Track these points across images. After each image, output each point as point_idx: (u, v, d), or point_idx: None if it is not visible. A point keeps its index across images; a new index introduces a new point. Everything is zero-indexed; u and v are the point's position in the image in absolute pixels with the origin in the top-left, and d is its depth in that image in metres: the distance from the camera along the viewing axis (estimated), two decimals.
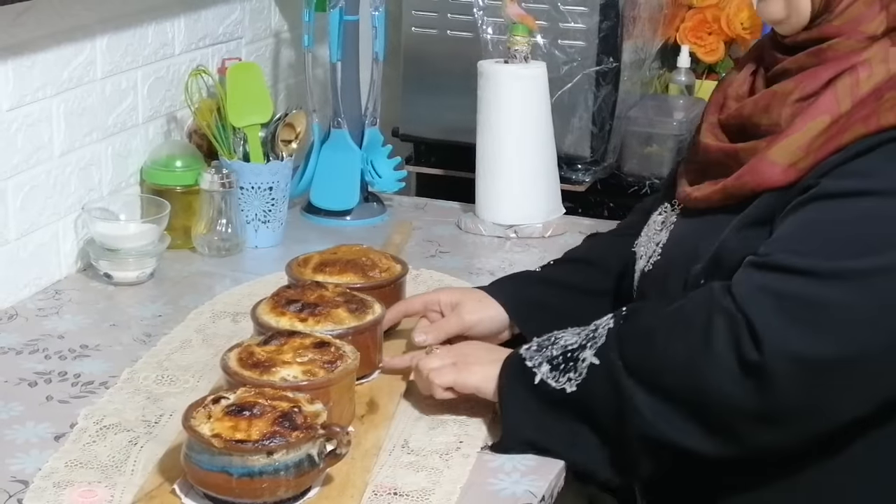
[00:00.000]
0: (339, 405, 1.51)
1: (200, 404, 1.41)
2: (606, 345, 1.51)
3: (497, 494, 1.46)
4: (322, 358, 1.52)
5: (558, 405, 1.52)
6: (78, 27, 1.98)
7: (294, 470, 1.35)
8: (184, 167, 2.16)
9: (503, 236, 2.29)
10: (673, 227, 1.69)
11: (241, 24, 2.43)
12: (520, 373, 1.55)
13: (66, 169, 2.00)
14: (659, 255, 1.68)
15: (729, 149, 1.61)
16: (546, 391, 1.52)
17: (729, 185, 1.58)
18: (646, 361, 1.48)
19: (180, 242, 2.13)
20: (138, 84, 2.15)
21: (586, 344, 1.53)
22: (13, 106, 1.87)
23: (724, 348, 1.42)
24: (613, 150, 2.61)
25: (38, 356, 1.75)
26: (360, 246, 1.89)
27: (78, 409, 1.59)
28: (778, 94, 1.58)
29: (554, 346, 1.56)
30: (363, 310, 1.67)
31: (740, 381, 1.41)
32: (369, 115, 2.37)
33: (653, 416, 1.46)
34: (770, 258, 1.46)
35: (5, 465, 1.45)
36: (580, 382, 1.51)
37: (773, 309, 1.41)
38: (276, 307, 1.66)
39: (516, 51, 2.28)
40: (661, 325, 1.50)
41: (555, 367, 1.53)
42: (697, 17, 2.86)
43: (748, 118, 1.61)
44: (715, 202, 1.61)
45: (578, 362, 1.52)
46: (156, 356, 1.75)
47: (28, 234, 1.94)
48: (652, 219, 1.76)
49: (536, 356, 1.55)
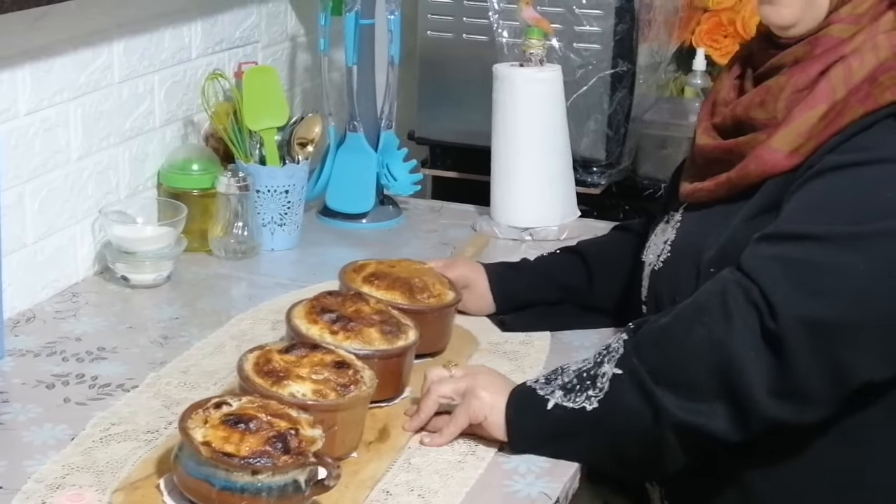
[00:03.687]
0: (345, 430, 1.47)
1: (202, 406, 1.39)
2: (625, 355, 1.52)
3: (512, 496, 1.46)
4: (337, 379, 1.48)
5: (576, 425, 1.51)
6: (95, 31, 1.99)
7: (277, 493, 1.31)
8: (200, 170, 2.17)
9: (518, 239, 2.30)
10: (679, 225, 1.71)
11: (257, 28, 2.44)
12: (531, 401, 1.54)
13: (83, 173, 2.01)
14: (668, 252, 1.70)
15: (728, 144, 1.65)
16: (561, 415, 1.51)
17: (733, 176, 1.62)
18: (668, 357, 1.49)
19: (197, 245, 2.14)
20: (155, 88, 2.16)
21: (602, 360, 1.53)
22: (31, 110, 1.88)
23: (745, 321, 1.45)
24: (629, 153, 2.61)
25: (56, 358, 1.76)
26: (422, 265, 1.85)
27: (95, 411, 1.60)
28: (772, 88, 1.62)
29: (563, 374, 1.55)
30: (396, 333, 1.63)
31: (763, 352, 1.44)
32: (385, 118, 2.37)
33: (679, 411, 1.46)
34: (775, 229, 1.51)
35: (23, 467, 1.46)
36: (602, 397, 1.50)
37: (781, 275, 1.45)
38: (311, 312, 1.64)
39: (532, 54, 2.28)
40: (675, 320, 1.51)
41: (569, 390, 1.53)
42: (713, 20, 2.86)
43: (743, 114, 1.64)
44: (720, 195, 1.64)
45: (598, 378, 1.52)
46: (185, 360, 1.75)
47: (46, 238, 1.95)
48: (657, 228, 1.78)
49: (547, 386, 1.55)
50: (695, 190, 1.69)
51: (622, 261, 1.91)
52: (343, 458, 1.47)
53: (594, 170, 2.56)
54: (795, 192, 1.54)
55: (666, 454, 1.50)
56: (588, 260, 1.94)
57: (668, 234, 1.73)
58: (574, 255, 1.96)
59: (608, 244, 1.99)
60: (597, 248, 1.98)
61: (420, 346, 1.68)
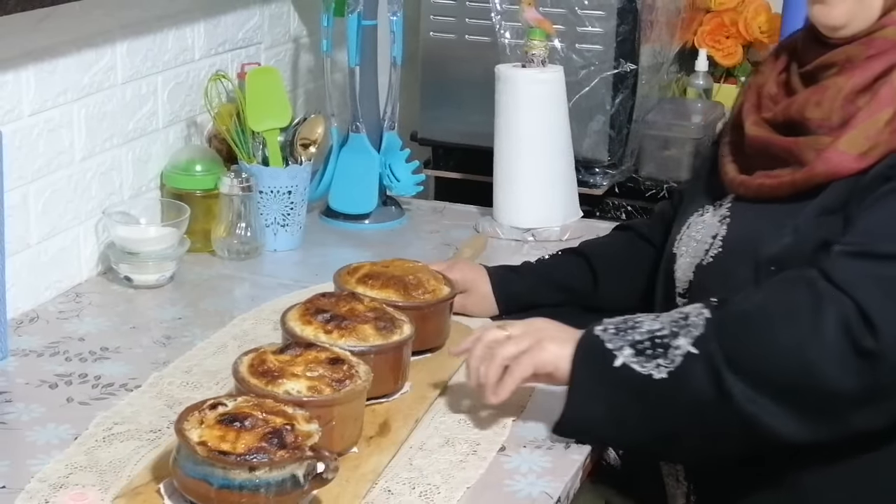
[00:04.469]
0: (343, 425, 1.47)
1: (197, 408, 1.39)
2: (705, 335, 1.48)
3: (514, 495, 1.46)
4: (332, 375, 1.48)
5: (639, 390, 1.49)
6: (98, 33, 2.00)
7: (276, 488, 1.32)
8: (203, 171, 2.17)
9: (521, 239, 2.30)
10: (730, 221, 1.68)
11: (260, 29, 2.45)
12: (598, 354, 1.52)
13: (86, 173, 2.02)
14: (720, 247, 1.67)
15: (787, 143, 1.63)
16: (627, 376, 1.49)
17: (798, 177, 1.60)
18: (747, 350, 1.47)
19: (200, 246, 2.15)
20: (158, 89, 2.17)
21: (678, 332, 1.50)
22: (35, 111, 1.89)
23: (836, 336, 1.43)
24: (631, 154, 2.62)
25: (59, 358, 1.76)
26: (415, 263, 1.86)
27: (98, 410, 1.60)
28: (829, 89, 1.60)
29: (635, 329, 1.53)
30: (391, 329, 1.64)
31: (852, 367, 1.42)
32: (387, 119, 2.38)
33: (748, 403, 1.45)
34: (869, 247, 1.48)
35: (26, 466, 1.47)
36: (673, 370, 1.48)
37: (883, 296, 1.44)
38: (304, 314, 1.65)
39: (534, 55, 2.28)
40: (761, 314, 1.49)
41: (639, 351, 1.50)
42: (715, 21, 2.87)
43: (798, 114, 1.62)
44: (781, 193, 1.62)
45: (671, 349, 1.49)
46: (188, 360, 1.76)
47: (49, 238, 1.95)
48: (691, 220, 1.75)
49: (615, 338, 1.52)
50: (750, 182, 1.67)
51: (625, 261, 1.92)
52: (343, 453, 1.48)
53: (596, 170, 2.57)
54: (875, 205, 1.53)
55: (722, 442, 1.50)
56: (592, 261, 1.94)
57: (715, 229, 1.69)
58: (577, 257, 1.96)
59: (611, 245, 1.99)
60: (600, 248, 1.98)
61: (418, 341, 1.69)
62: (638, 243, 1.93)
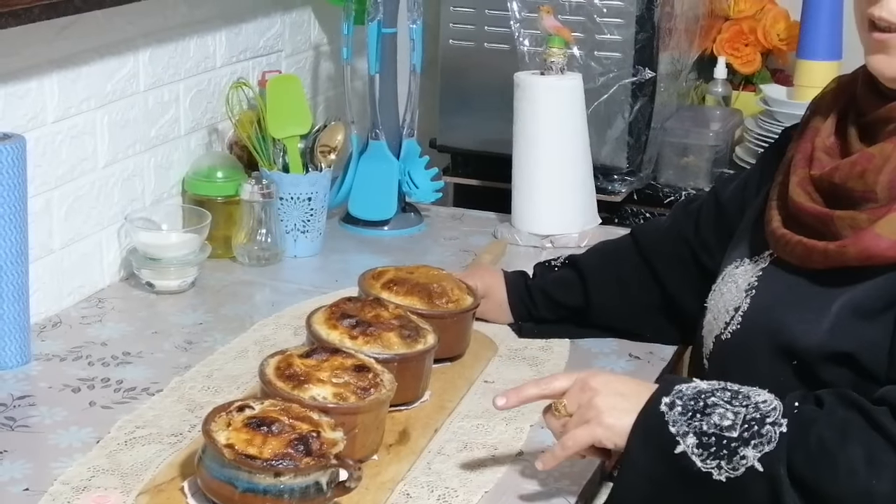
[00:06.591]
0: (365, 433, 1.48)
1: (225, 409, 1.41)
2: (776, 454, 1.36)
3: (531, 499, 1.47)
4: (357, 383, 1.49)
5: (693, 483, 1.39)
6: (121, 41, 2.02)
7: (299, 494, 1.33)
8: (224, 178, 2.19)
9: (539, 246, 2.31)
10: (755, 293, 1.57)
11: (281, 37, 2.47)
12: (659, 435, 1.40)
13: (109, 180, 2.04)
14: (739, 323, 1.57)
15: (823, 214, 1.51)
16: (685, 465, 1.38)
17: (832, 249, 1.48)
18: (815, 484, 1.35)
19: (221, 252, 2.16)
20: (180, 96, 2.19)
21: (749, 439, 1.37)
22: (58, 118, 1.90)
23: None
24: (650, 161, 2.62)
25: (82, 363, 1.78)
26: (440, 270, 1.86)
27: (120, 414, 1.62)
28: (875, 158, 1.48)
29: (704, 417, 1.39)
30: (415, 338, 1.64)
31: None
32: (407, 126, 2.39)
33: None
34: None
35: (49, 469, 1.49)
36: (733, 477, 1.37)
37: None
38: (330, 318, 1.66)
39: (552, 62, 2.29)
40: (841, 451, 1.35)
41: (704, 445, 1.38)
42: (734, 29, 2.87)
43: (841, 182, 1.50)
44: (814, 262, 1.51)
45: (736, 457, 1.37)
46: (209, 365, 1.77)
47: (72, 244, 1.97)
48: (727, 271, 1.66)
49: (681, 422, 1.39)
50: (790, 238, 1.54)
51: (619, 283, 1.88)
52: (364, 460, 1.49)
53: (615, 177, 2.57)
54: None
55: None
56: (587, 282, 1.89)
57: (739, 301, 1.58)
58: (574, 273, 1.91)
59: (609, 264, 1.91)
60: (598, 268, 1.91)
61: (439, 350, 1.70)
62: (635, 260, 1.88)
